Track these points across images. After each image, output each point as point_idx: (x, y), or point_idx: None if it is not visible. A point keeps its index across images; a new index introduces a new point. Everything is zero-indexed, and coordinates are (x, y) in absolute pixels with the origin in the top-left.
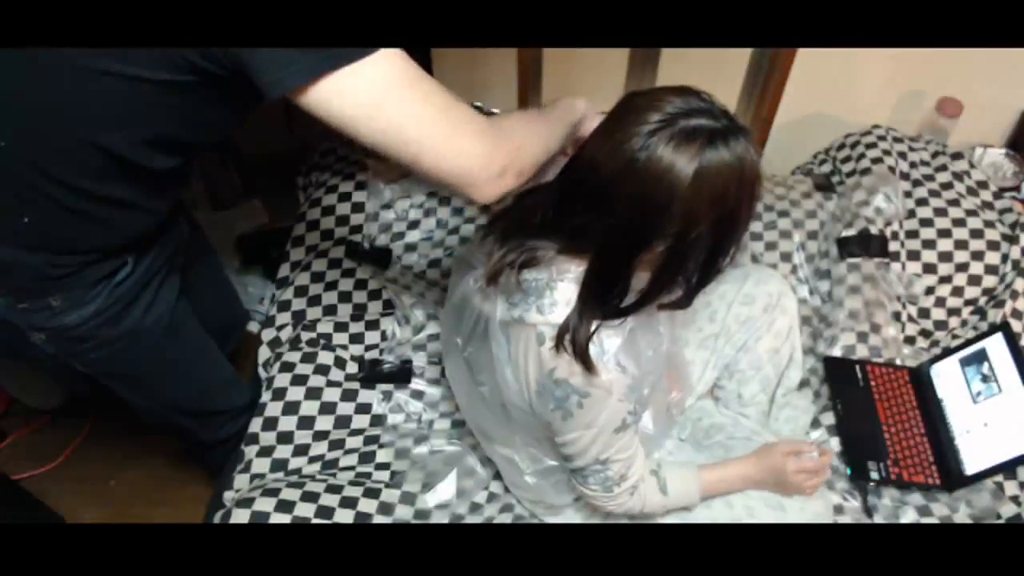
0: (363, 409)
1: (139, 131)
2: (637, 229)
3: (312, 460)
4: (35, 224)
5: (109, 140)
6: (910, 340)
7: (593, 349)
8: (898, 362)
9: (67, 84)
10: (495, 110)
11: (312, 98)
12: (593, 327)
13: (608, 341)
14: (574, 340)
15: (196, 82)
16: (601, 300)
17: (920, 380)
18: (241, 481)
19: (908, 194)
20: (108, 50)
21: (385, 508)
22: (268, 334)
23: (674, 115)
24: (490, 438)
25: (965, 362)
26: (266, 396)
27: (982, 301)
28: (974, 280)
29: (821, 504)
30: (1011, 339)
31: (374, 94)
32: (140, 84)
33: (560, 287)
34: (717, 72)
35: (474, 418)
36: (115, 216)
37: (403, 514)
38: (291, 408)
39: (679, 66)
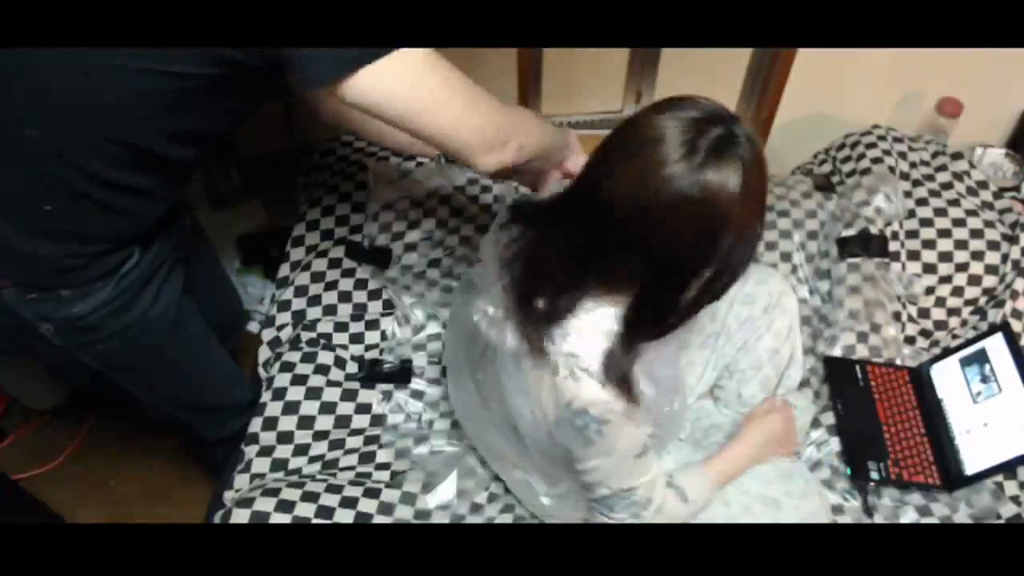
0: (363, 409)
1: (168, 125)
2: (691, 258)
3: (312, 460)
4: (58, 213)
5: (138, 134)
6: (910, 340)
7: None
8: (898, 362)
9: (105, 81)
10: None
11: (345, 90)
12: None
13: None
14: (616, 370)
15: (229, 76)
16: (653, 330)
17: (920, 380)
18: (241, 481)
19: (908, 194)
20: (148, 49)
21: (385, 508)
22: (268, 334)
23: (692, 138)
24: (502, 458)
25: (965, 362)
26: (266, 396)
27: (982, 301)
28: (974, 280)
29: (818, 501)
30: (1011, 339)
31: (403, 83)
32: (176, 80)
33: (572, 318)
34: (717, 72)
35: (484, 440)
36: (130, 205)
37: (403, 514)
38: (291, 408)
39: (679, 66)
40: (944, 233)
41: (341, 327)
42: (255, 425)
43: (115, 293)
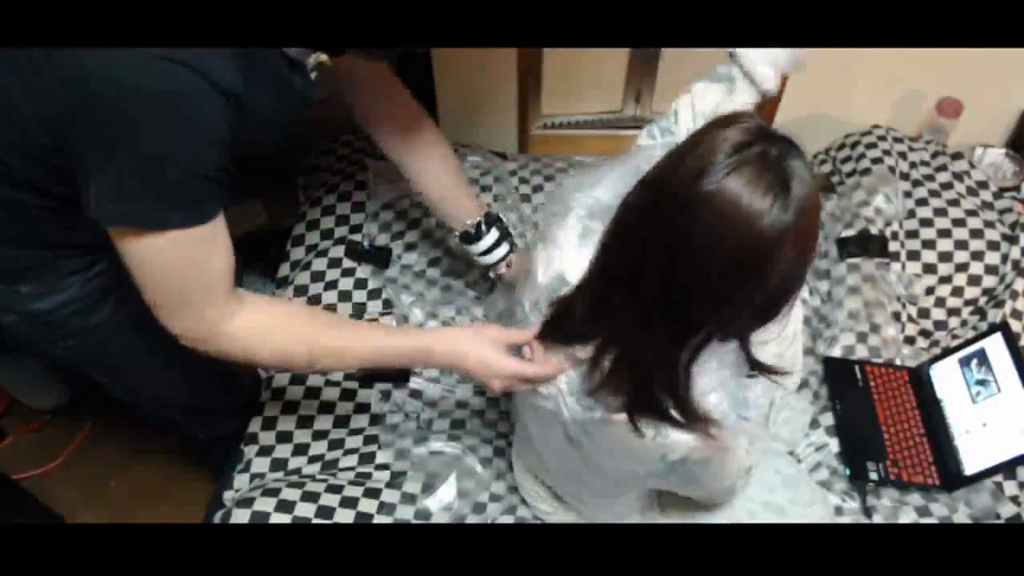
0: (362, 408)
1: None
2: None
3: (312, 460)
4: (8, 220)
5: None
6: (910, 340)
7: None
8: (898, 362)
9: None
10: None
11: (115, 236)
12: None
13: (716, 406)
14: (695, 409)
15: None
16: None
17: (919, 380)
18: (241, 481)
19: (908, 194)
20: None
21: (386, 508)
22: None
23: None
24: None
25: (964, 362)
26: (265, 395)
27: (982, 301)
28: (974, 280)
29: (822, 509)
30: (1010, 339)
31: (147, 262)
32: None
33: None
34: None
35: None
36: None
37: (404, 514)
38: (290, 407)
39: (679, 66)
40: (944, 233)
41: None
42: (254, 425)
43: (81, 293)
